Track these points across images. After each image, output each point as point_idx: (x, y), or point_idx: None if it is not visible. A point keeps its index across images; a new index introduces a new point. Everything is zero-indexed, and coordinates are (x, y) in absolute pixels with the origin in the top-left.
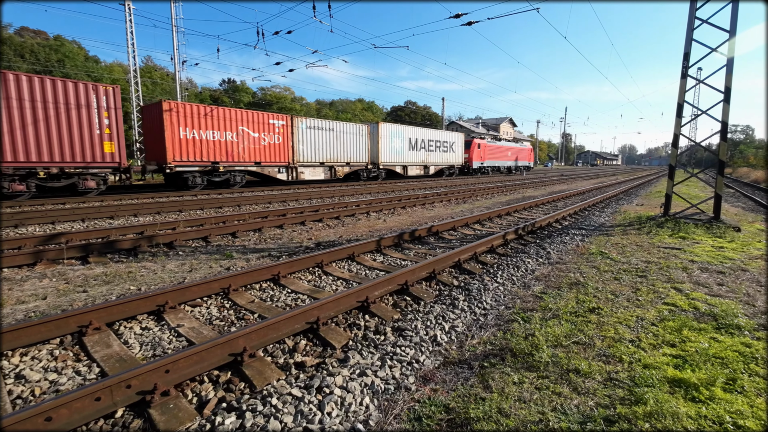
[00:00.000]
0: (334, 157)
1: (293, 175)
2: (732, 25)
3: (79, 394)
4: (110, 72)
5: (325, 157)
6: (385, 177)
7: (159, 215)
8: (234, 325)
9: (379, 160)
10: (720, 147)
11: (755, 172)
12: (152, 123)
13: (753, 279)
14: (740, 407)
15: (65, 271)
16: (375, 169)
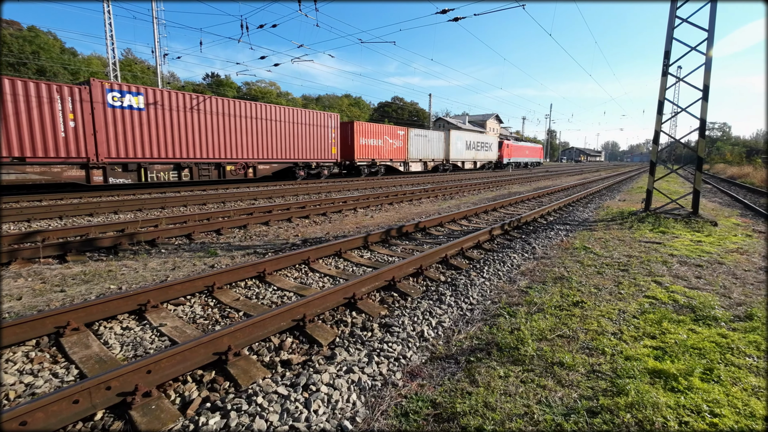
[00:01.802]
0: (427, 156)
1: (407, 168)
2: (710, 25)
3: (56, 396)
4: (88, 65)
5: (422, 156)
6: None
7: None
8: (218, 323)
9: (450, 158)
10: (698, 144)
11: (731, 168)
12: (345, 135)
13: (729, 272)
14: (717, 396)
15: (41, 270)
16: (447, 164)
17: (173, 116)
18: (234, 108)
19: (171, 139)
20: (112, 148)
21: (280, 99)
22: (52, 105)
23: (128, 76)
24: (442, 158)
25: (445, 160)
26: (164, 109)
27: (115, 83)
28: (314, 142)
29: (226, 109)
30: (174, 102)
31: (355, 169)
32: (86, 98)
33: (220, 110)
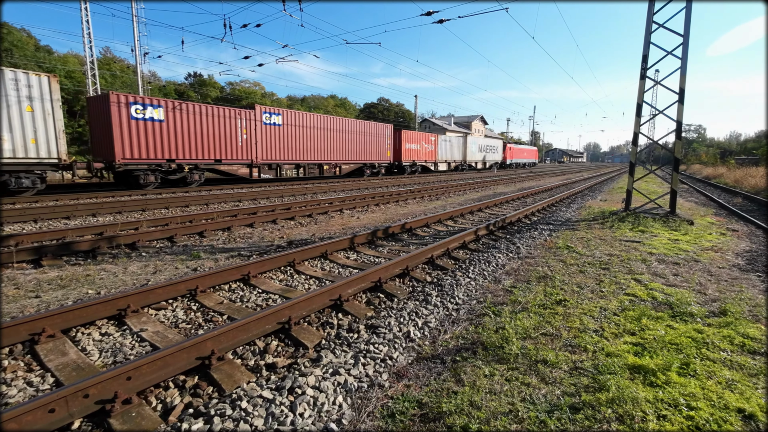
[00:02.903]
0: (450, 158)
1: (436, 167)
2: (686, 30)
3: (31, 406)
4: (64, 63)
5: (447, 158)
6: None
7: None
8: (201, 327)
9: (467, 159)
10: (675, 145)
11: (707, 168)
12: (394, 141)
13: (704, 269)
14: (693, 390)
15: (15, 275)
16: (465, 164)
17: (296, 131)
18: (327, 123)
19: (294, 147)
20: (262, 154)
21: (264, 99)
22: (234, 123)
23: (107, 75)
24: (461, 159)
25: (463, 161)
26: (292, 126)
27: (267, 107)
28: (376, 147)
29: (322, 124)
30: (296, 120)
31: (401, 169)
32: (251, 118)
33: (319, 125)
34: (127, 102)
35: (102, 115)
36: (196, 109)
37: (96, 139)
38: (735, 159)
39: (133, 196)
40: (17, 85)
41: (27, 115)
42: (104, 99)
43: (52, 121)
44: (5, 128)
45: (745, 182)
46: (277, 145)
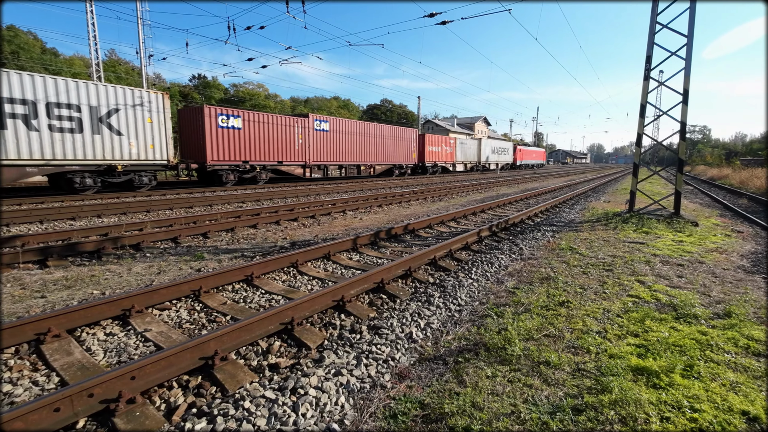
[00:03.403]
0: (467, 159)
1: (454, 168)
2: (689, 30)
3: (36, 405)
4: (70, 65)
5: (464, 159)
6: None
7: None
8: (205, 328)
9: (481, 161)
10: (679, 146)
11: (711, 169)
12: (418, 144)
13: (709, 271)
14: (697, 392)
15: (21, 276)
16: (479, 165)
17: (340, 136)
18: (364, 128)
19: (338, 150)
20: (313, 156)
21: (268, 101)
22: (292, 130)
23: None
24: (476, 160)
25: (478, 162)
26: (336, 132)
27: (317, 116)
28: (403, 150)
29: (360, 130)
30: (340, 126)
31: (424, 169)
32: (305, 125)
33: (358, 131)
34: (216, 114)
35: (194, 124)
36: (264, 118)
37: (188, 144)
38: (740, 160)
39: (138, 197)
40: (141, 101)
41: (147, 125)
42: (198, 111)
43: (164, 130)
44: (133, 135)
45: (751, 183)
46: (324, 148)
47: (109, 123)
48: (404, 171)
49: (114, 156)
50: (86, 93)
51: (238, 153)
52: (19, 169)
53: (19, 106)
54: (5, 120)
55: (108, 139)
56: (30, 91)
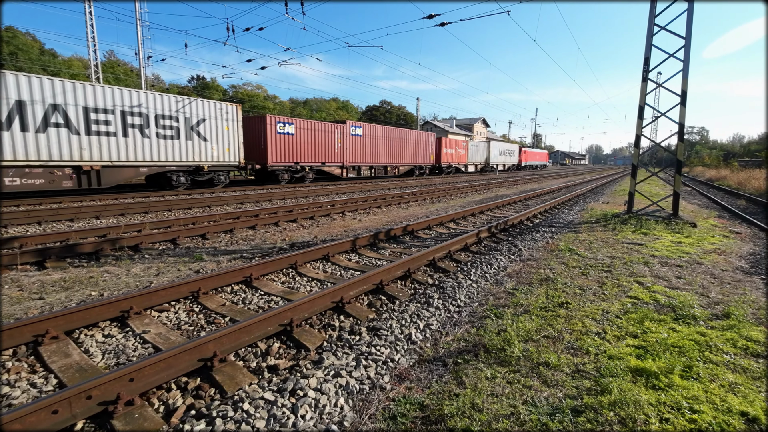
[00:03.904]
0: (477, 161)
1: (466, 169)
2: (687, 32)
3: (34, 407)
4: (68, 66)
5: (474, 161)
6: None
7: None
8: (204, 329)
9: (489, 162)
10: (678, 147)
11: (710, 171)
12: (435, 147)
13: (707, 272)
14: (696, 393)
15: (19, 277)
16: (488, 166)
17: (370, 140)
18: (390, 133)
19: (369, 153)
20: (349, 158)
21: (267, 102)
22: (333, 135)
23: (110, 79)
24: (485, 162)
25: (487, 163)
26: (368, 136)
27: (353, 122)
28: (423, 152)
29: (387, 134)
30: (371, 131)
31: (440, 170)
32: (342, 131)
33: (385, 135)
34: (275, 122)
35: (256, 131)
36: (311, 125)
37: (251, 148)
38: (738, 161)
39: (137, 198)
40: (222, 112)
41: (225, 132)
42: (261, 119)
43: (237, 136)
44: (215, 141)
45: (749, 184)
46: (358, 151)
47: (198, 131)
48: (423, 171)
49: (201, 158)
50: (183, 106)
51: (291, 155)
52: (135, 168)
53: (136, 117)
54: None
55: (197, 144)
56: (144, 105)
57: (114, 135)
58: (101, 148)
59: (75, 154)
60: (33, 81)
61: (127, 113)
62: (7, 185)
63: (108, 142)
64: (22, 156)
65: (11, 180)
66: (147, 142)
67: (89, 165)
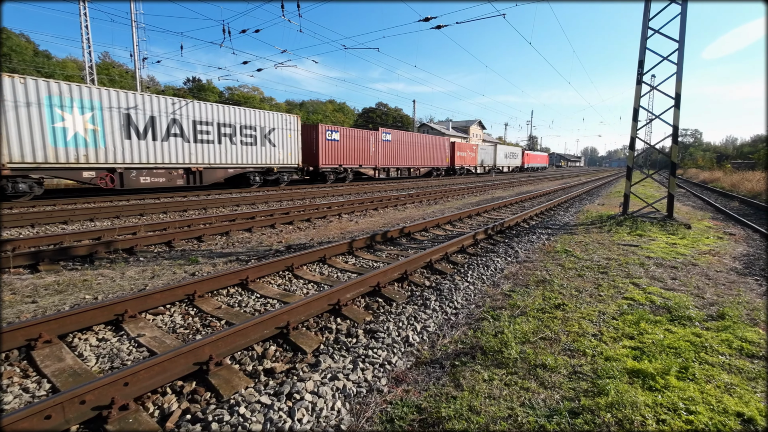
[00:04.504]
0: (486, 163)
1: (476, 171)
2: (681, 35)
3: (26, 412)
4: (63, 68)
5: (483, 163)
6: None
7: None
8: (199, 332)
9: (496, 164)
10: (672, 149)
11: (703, 172)
12: (450, 151)
13: (702, 273)
14: (692, 394)
15: (12, 280)
16: (495, 168)
17: (397, 145)
18: (413, 138)
19: (396, 156)
20: (381, 161)
21: (263, 104)
22: (368, 140)
23: (105, 80)
24: (492, 164)
25: (494, 165)
26: (395, 141)
27: (384, 129)
28: (440, 155)
29: (410, 139)
30: (398, 137)
31: (454, 171)
32: (375, 137)
33: (409, 140)
34: (325, 130)
35: (310, 138)
36: (351, 132)
37: (305, 152)
38: (731, 163)
39: (131, 201)
40: (287, 122)
41: (289, 139)
42: (314, 128)
43: (297, 143)
44: (281, 146)
45: (742, 186)
46: (387, 154)
47: (269, 138)
48: (440, 173)
49: (271, 161)
50: (259, 118)
51: (336, 159)
52: (225, 170)
53: (226, 128)
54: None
55: (269, 149)
56: (233, 118)
57: (212, 143)
58: (203, 154)
59: (186, 158)
60: (161, 100)
61: (221, 125)
62: (141, 182)
63: (208, 148)
64: (153, 160)
65: (144, 178)
66: (234, 148)
67: (195, 167)
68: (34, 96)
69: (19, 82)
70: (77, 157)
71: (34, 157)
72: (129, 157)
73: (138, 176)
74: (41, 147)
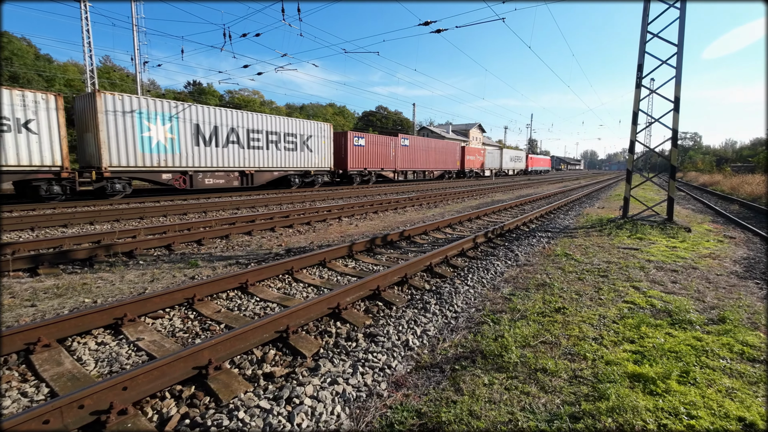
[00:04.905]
0: (492, 166)
1: (483, 173)
2: (680, 40)
3: (24, 417)
4: (64, 72)
5: (490, 166)
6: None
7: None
8: (199, 336)
9: (502, 167)
10: (671, 153)
11: (703, 176)
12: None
13: (702, 276)
14: (693, 398)
15: (11, 284)
16: (501, 171)
17: (413, 150)
18: (428, 143)
19: (412, 160)
20: (399, 164)
21: (263, 108)
22: (388, 146)
23: (106, 84)
24: (498, 167)
25: (500, 168)
26: (412, 147)
27: (403, 135)
28: (451, 159)
29: (425, 145)
30: (415, 143)
31: (463, 174)
32: (395, 142)
33: (424, 145)
34: (353, 137)
35: (339, 143)
36: (374, 139)
37: (336, 157)
38: (731, 166)
39: (131, 204)
40: (321, 129)
41: (323, 145)
42: (343, 135)
43: (329, 148)
44: (317, 151)
45: (742, 189)
46: (405, 158)
47: (307, 144)
48: (451, 175)
49: (309, 165)
50: (299, 126)
51: (362, 162)
52: (271, 173)
53: (273, 135)
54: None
55: (307, 154)
56: (278, 127)
57: (261, 149)
58: (255, 158)
59: (241, 162)
60: (223, 112)
61: (269, 132)
62: (206, 184)
63: (258, 153)
64: (215, 164)
65: (208, 180)
66: (279, 154)
67: (248, 170)
68: (128, 109)
69: (117, 98)
70: (158, 162)
71: (127, 161)
72: (197, 161)
73: (203, 178)
74: (132, 153)
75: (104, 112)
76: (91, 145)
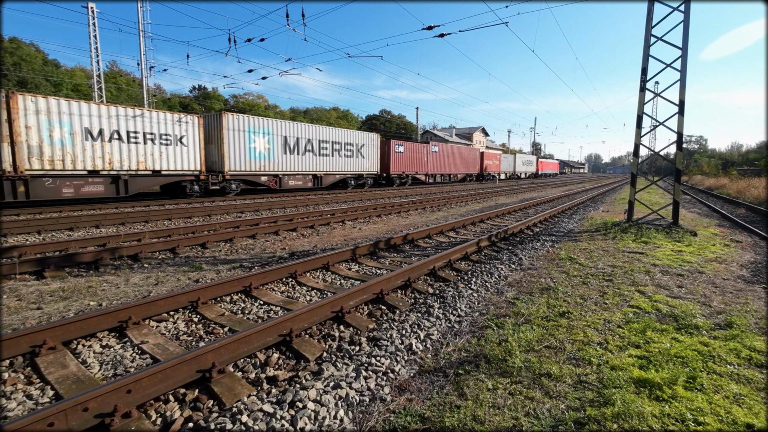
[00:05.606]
0: (506, 170)
1: (499, 177)
2: (684, 43)
3: (29, 420)
4: (71, 77)
5: (505, 170)
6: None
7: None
8: (202, 339)
9: (515, 171)
10: (676, 156)
11: (709, 179)
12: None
13: (709, 281)
14: (700, 404)
15: (17, 287)
16: (514, 175)
17: (440, 155)
18: (453, 149)
19: (439, 164)
20: (430, 168)
21: (268, 112)
22: (421, 152)
23: (113, 89)
24: (512, 171)
25: (514, 172)
26: (440, 153)
27: (433, 142)
28: (472, 163)
29: (450, 150)
30: (442, 149)
31: (482, 177)
32: (427, 149)
33: (449, 151)
34: (394, 144)
35: (383, 150)
36: (411, 146)
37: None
38: (737, 170)
39: (137, 208)
40: (371, 139)
41: (372, 152)
42: (387, 143)
43: (377, 155)
44: (368, 157)
45: (748, 193)
46: (435, 163)
47: (361, 152)
48: (472, 178)
49: (361, 169)
50: (355, 136)
51: (401, 167)
52: (334, 176)
53: (337, 144)
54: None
55: (360, 160)
56: (340, 137)
57: (328, 156)
58: (323, 164)
59: (314, 167)
60: (302, 126)
61: (334, 142)
62: (290, 185)
63: (326, 160)
64: (297, 168)
65: (291, 181)
66: (341, 160)
67: (319, 173)
68: (242, 127)
69: (235, 118)
70: (259, 167)
71: (239, 167)
72: (285, 166)
73: (288, 180)
74: (243, 160)
75: (226, 129)
76: (213, 154)
